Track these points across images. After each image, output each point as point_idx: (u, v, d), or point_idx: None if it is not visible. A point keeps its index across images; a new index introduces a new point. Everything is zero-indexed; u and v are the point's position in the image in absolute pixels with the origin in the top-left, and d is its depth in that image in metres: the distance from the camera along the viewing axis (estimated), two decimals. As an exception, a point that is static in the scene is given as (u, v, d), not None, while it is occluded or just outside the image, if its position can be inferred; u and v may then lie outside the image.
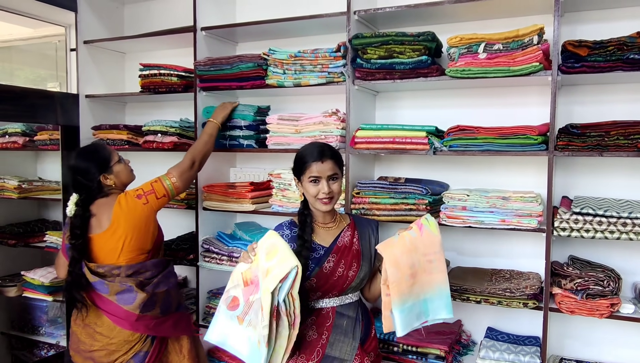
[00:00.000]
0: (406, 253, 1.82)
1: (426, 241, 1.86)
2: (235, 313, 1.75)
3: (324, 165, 1.87)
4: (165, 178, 2.32)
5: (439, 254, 1.87)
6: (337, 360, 1.88)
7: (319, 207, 1.90)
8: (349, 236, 1.97)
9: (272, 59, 2.68)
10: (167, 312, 2.24)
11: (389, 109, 2.84)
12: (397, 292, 1.79)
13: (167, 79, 2.99)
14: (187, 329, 2.33)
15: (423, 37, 2.33)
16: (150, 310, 2.16)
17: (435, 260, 1.87)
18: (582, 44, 2.13)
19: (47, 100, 3.17)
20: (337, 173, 1.90)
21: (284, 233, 1.93)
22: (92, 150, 2.32)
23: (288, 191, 2.73)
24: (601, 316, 2.15)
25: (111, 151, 2.33)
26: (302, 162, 1.90)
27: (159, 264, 2.28)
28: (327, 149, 1.91)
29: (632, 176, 2.38)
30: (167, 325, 2.23)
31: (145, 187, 2.27)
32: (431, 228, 1.88)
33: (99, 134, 3.28)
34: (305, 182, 1.89)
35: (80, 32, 3.31)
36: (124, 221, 2.17)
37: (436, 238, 1.88)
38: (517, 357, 2.29)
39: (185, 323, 2.34)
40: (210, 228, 3.05)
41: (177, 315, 2.30)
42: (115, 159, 2.30)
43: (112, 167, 2.28)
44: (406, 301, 1.81)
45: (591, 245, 2.43)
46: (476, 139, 2.29)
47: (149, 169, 3.53)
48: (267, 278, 1.65)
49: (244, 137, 2.83)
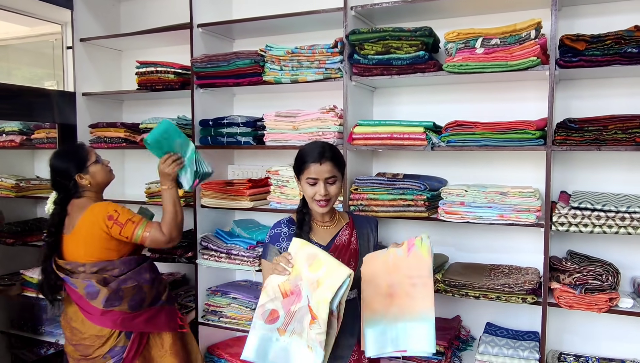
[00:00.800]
0: (385, 272, 1.76)
1: (412, 263, 1.74)
2: (275, 325, 1.71)
3: (322, 167, 1.83)
4: (142, 227, 2.20)
5: (426, 279, 1.72)
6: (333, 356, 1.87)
7: (315, 209, 1.89)
8: (347, 235, 1.96)
9: (269, 56, 2.68)
10: (138, 308, 2.22)
11: (387, 105, 2.84)
12: (368, 309, 1.78)
13: (164, 76, 2.98)
14: (165, 325, 2.30)
15: (420, 32, 2.32)
16: (116, 306, 2.16)
17: (420, 285, 1.72)
18: (579, 38, 2.13)
19: (44, 98, 3.16)
20: (335, 175, 1.86)
21: (282, 231, 1.93)
22: (70, 150, 2.33)
23: (286, 188, 2.73)
24: (600, 310, 2.15)
25: (89, 152, 2.31)
26: (302, 162, 1.88)
27: (131, 261, 2.25)
28: (328, 151, 1.87)
29: (630, 170, 2.37)
30: (139, 321, 2.21)
31: (123, 216, 2.19)
32: (422, 250, 1.74)
33: (96, 132, 3.28)
34: (303, 182, 1.88)
35: (76, 30, 3.30)
36: (85, 231, 2.17)
37: (425, 262, 1.73)
38: (516, 352, 2.29)
39: (165, 319, 2.30)
40: (209, 225, 3.05)
41: (153, 311, 2.27)
42: (92, 159, 2.29)
43: (88, 167, 2.27)
44: (379, 321, 1.75)
45: (590, 240, 2.43)
46: (474, 134, 2.29)
47: (146, 166, 3.54)
48: (320, 288, 1.66)
49: (241, 134, 2.82)
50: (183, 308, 3.03)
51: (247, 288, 3.01)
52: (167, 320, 2.32)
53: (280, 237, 1.92)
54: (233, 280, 3.27)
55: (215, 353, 3.00)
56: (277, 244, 1.92)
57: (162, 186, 2.30)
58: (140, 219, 2.21)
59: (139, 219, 2.21)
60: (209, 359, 3.00)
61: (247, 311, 2.87)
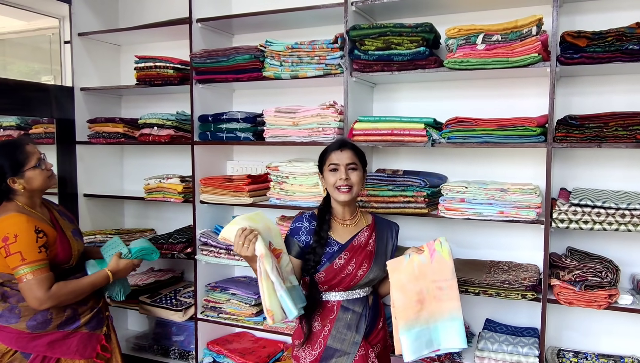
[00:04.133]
0: (413, 280, 1.84)
1: (436, 268, 1.85)
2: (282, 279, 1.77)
3: (342, 153, 1.93)
4: (30, 268, 1.96)
5: (450, 281, 1.84)
6: (339, 352, 1.90)
7: (337, 197, 1.93)
8: (366, 236, 1.99)
9: (269, 51, 2.66)
10: (41, 329, 2.05)
11: (387, 101, 2.83)
12: (403, 317, 1.83)
13: (163, 71, 2.96)
14: (76, 352, 2.12)
15: (421, 28, 2.31)
16: (12, 323, 2.02)
17: (445, 287, 1.84)
18: (581, 35, 2.12)
19: (41, 93, 3.14)
20: (355, 162, 1.95)
21: (303, 225, 1.97)
22: (7, 149, 2.08)
23: (286, 184, 2.72)
24: (599, 307, 2.15)
25: (29, 155, 2.09)
26: (324, 153, 1.99)
27: None
28: (348, 141, 2.03)
29: (630, 167, 2.38)
30: (39, 343, 2.05)
31: (18, 246, 1.95)
32: (443, 254, 1.86)
33: (94, 128, 3.26)
34: (326, 172, 1.95)
35: (74, 24, 3.28)
36: None
37: (448, 264, 1.85)
38: (515, 348, 2.30)
39: (77, 345, 2.13)
40: (208, 221, 3.04)
41: (60, 334, 2.09)
42: (31, 164, 2.08)
43: (25, 172, 2.06)
44: (413, 327, 1.82)
45: (589, 237, 2.43)
46: (474, 131, 2.28)
47: (146, 162, 3.54)
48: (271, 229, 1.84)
49: (241, 130, 2.81)
50: (180, 305, 3.03)
51: (247, 284, 3.01)
52: (80, 347, 2.14)
53: (300, 231, 1.97)
54: (232, 276, 3.26)
55: (214, 349, 3.00)
56: (296, 237, 1.96)
57: (108, 270, 2.22)
58: (36, 261, 1.96)
59: (34, 260, 1.96)
60: (208, 355, 3.00)
61: (246, 307, 2.87)
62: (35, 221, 2.04)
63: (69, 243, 2.18)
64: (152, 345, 3.26)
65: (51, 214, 2.21)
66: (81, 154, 3.33)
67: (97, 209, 3.44)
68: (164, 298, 3.09)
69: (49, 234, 2.07)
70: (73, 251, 2.18)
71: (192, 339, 3.08)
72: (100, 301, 2.30)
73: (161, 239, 3.06)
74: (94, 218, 3.41)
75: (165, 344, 3.24)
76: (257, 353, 2.92)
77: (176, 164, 3.38)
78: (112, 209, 3.56)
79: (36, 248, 1.99)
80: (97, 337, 2.22)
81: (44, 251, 2.02)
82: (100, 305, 2.29)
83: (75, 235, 2.26)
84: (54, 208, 2.28)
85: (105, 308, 2.34)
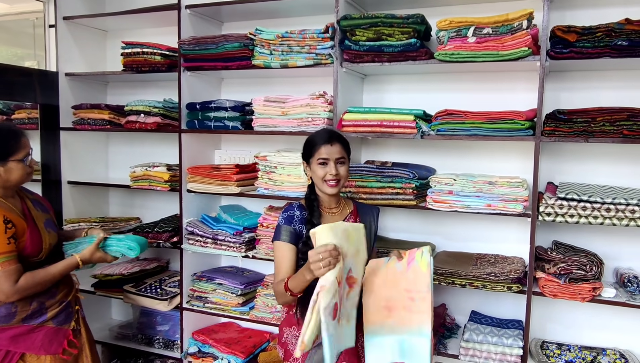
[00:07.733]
0: (383, 285, 1.80)
1: (410, 278, 1.77)
2: (336, 318, 1.64)
3: (332, 148, 1.93)
4: None
5: (424, 294, 1.74)
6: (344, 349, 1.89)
7: (325, 190, 1.94)
8: (351, 222, 1.99)
9: (259, 40, 2.63)
10: (4, 322, 2.00)
11: (377, 93, 2.82)
12: (366, 319, 1.81)
13: (151, 57, 2.91)
14: (40, 347, 2.06)
15: (412, 19, 2.30)
16: None
17: (418, 300, 1.74)
18: (571, 30, 2.13)
19: (25, 77, 3.07)
20: (344, 156, 1.96)
21: (295, 214, 1.97)
22: (5, 134, 2.03)
23: (274, 174, 2.70)
24: (583, 300, 2.18)
25: (21, 147, 2.04)
26: (312, 145, 1.97)
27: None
28: (336, 133, 2.01)
29: (616, 162, 2.40)
30: (1, 337, 2.00)
31: None
32: (421, 265, 1.76)
33: (79, 114, 3.20)
34: (314, 164, 1.94)
35: (59, 7, 3.20)
36: None
37: (424, 276, 1.74)
38: (500, 339, 2.32)
39: (42, 340, 2.07)
40: (195, 210, 3.01)
41: (24, 328, 2.04)
42: (19, 156, 2.02)
43: (9, 162, 2.00)
44: (377, 332, 1.79)
45: (575, 230, 2.46)
46: (464, 123, 2.29)
47: (132, 150, 3.49)
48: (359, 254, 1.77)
49: (229, 118, 2.78)
50: (166, 294, 3.00)
51: (233, 274, 3.00)
52: (46, 342, 2.08)
53: (293, 220, 1.96)
54: (219, 265, 3.25)
55: (199, 339, 2.98)
56: (292, 224, 1.95)
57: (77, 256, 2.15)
58: (4, 253, 1.92)
59: (2, 251, 1.91)
60: (194, 345, 2.99)
61: (232, 297, 2.86)
62: (4, 211, 1.98)
63: (40, 235, 2.09)
64: (137, 335, 3.23)
65: (23, 205, 2.12)
66: (65, 141, 3.27)
67: (82, 197, 3.38)
68: (149, 287, 3.06)
69: (18, 225, 2.00)
70: (44, 244, 2.10)
71: (177, 329, 3.06)
72: (70, 295, 2.23)
73: (147, 228, 3.02)
74: (78, 206, 3.36)
75: (150, 333, 3.21)
76: (242, 344, 2.91)
77: (163, 153, 3.34)
78: (97, 197, 3.51)
79: (5, 239, 1.94)
80: (64, 332, 2.15)
81: (12, 242, 1.96)
82: (70, 299, 2.21)
83: (48, 226, 2.17)
84: (28, 197, 2.19)
85: (75, 302, 2.26)
